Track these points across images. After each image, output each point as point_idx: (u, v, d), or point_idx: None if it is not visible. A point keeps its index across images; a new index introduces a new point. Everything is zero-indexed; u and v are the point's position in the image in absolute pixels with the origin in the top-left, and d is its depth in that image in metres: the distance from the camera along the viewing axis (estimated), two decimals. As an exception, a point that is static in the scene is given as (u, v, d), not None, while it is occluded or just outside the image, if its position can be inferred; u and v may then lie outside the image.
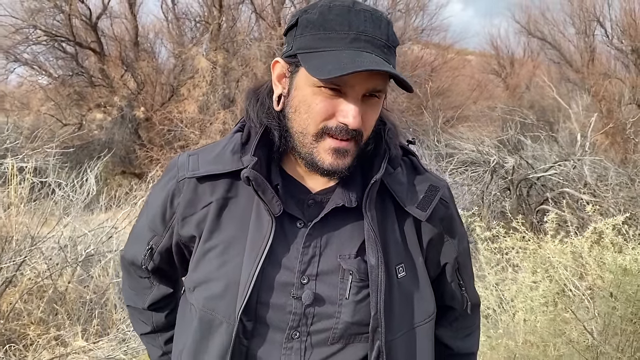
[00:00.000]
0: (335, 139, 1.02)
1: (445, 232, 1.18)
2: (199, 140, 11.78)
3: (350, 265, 1.07)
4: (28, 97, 14.51)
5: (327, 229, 1.09)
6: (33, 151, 7.58)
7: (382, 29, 1.01)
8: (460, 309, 1.24)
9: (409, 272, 1.11)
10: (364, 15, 1.00)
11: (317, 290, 1.07)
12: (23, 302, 4.26)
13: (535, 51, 20.86)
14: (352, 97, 1.00)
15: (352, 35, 0.98)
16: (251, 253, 1.06)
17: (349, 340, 1.08)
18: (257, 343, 1.08)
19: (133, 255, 1.27)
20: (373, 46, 0.99)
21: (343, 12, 0.99)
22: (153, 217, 1.20)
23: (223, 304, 1.08)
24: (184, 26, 15.48)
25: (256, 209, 1.08)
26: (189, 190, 1.13)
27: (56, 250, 4.77)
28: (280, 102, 1.08)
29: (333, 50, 0.98)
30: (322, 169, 1.05)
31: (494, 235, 3.61)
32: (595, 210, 3.39)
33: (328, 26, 0.99)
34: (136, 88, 13.54)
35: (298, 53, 1.02)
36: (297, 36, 1.03)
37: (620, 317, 2.84)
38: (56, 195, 5.89)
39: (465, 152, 8.38)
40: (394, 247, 1.10)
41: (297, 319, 1.07)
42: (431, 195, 1.12)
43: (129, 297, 1.37)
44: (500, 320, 3.63)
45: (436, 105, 15.20)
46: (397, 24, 17.17)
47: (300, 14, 1.04)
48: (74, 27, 13.29)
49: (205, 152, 1.16)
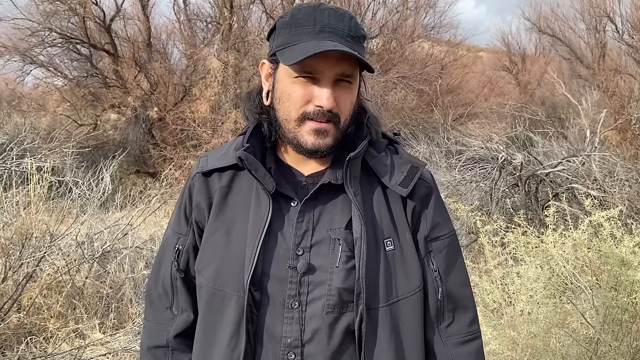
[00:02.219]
0: (315, 122, 1.18)
1: (422, 211, 1.28)
2: (211, 140, 11.89)
3: (338, 235, 1.20)
4: (44, 98, 14.70)
5: (318, 205, 1.23)
6: (50, 151, 7.76)
7: (345, 22, 1.18)
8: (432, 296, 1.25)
9: (396, 246, 1.23)
10: (327, 12, 1.17)
11: (311, 260, 1.20)
12: (43, 297, 4.40)
13: (546, 48, 20.70)
14: (324, 82, 1.17)
15: (318, 28, 1.16)
16: (254, 229, 1.20)
17: (342, 309, 1.19)
18: (264, 313, 1.20)
19: (163, 276, 1.36)
20: (336, 36, 1.16)
21: (309, 11, 1.18)
22: (178, 219, 1.35)
23: (231, 279, 1.20)
24: (195, 27, 15.59)
25: (255, 192, 1.23)
26: (200, 183, 1.30)
27: (74, 247, 4.90)
28: (268, 97, 1.26)
29: (302, 42, 1.16)
30: (306, 149, 1.21)
31: (495, 229, 3.68)
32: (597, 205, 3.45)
33: (297, 24, 1.18)
34: (149, 88, 13.67)
35: (276, 51, 1.20)
36: (275, 37, 1.22)
37: (619, 308, 2.91)
38: (73, 194, 6.05)
39: (474, 149, 8.41)
40: (382, 222, 1.23)
41: (295, 287, 1.19)
42: (412, 174, 1.26)
43: (150, 333, 1.39)
44: (505, 313, 3.71)
45: (446, 102, 15.18)
46: (407, 22, 17.17)
47: (277, 19, 1.23)
48: (88, 29, 13.43)
49: (214, 153, 1.35)
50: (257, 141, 1.26)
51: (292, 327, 1.18)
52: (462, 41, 21.05)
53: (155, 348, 1.37)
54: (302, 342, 1.18)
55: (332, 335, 1.18)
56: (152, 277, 1.41)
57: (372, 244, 1.20)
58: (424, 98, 15.29)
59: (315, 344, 1.18)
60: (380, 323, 1.19)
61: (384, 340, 1.19)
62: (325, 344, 1.18)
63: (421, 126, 12.82)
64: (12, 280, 4.12)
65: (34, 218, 4.71)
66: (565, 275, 3.38)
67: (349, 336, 1.20)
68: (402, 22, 16.91)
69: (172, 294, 1.36)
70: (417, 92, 15.02)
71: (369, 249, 1.18)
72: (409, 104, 14.19)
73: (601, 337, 2.89)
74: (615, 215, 3.01)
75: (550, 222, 3.34)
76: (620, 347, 2.85)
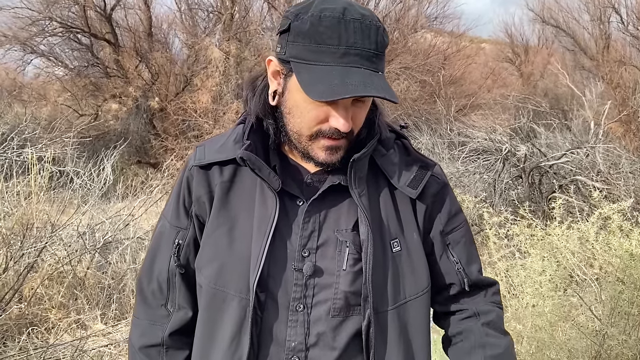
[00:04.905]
0: (329, 139, 1.10)
1: (435, 208, 1.24)
2: (212, 130, 11.85)
3: (345, 237, 1.15)
4: (45, 88, 14.65)
5: (325, 206, 1.17)
6: (51, 141, 7.74)
7: (371, 38, 1.04)
8: (458, 286, 1.27)
9: (403, 247, 1.18)
10: (353, 25, 1.02)
11: (317, 263, 1.15)
12: (44, 287, 4.38)
13: (549, 39, 20.59)
14: (343, 104, 1.07)
15: (342, 50, 1.02)
16: (260, 229, 1.14)
17: (348, 312, 1.15)
18: (267, 315, 1.15)
19: (158, 272, 1.29)
20: (362, 59, 1.03)
21: (333, 24, 1.02)
22: (176, 212, 1.26)
23: (234, 279, 1.15)
24: (196, 17, 15.51)
25: (260, 189, 1.17)
26: (199, 176, 1.22)
27: (75, 237, 4.89)
28: (275, 98, 1.14)
29: (324, 66, 1.03)
30: (317, 162, 1.14)
31: (501, 222, 3.65)
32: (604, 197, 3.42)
33: (319, 39, 1.02)
34: (150, 79, 13.62)
35: (291, 60, 1.06)
36: (289, 42, 1.07)
37: (627, 301, 2.89)
38: (74, 184, 6.03)
39: (477, 141, 8.37)
40: (389, 223, 1.18)
41: (300, 290, 1.14)
42: (422, 174, 1.20)
43: (143, 332, 1.31)
44: (510, 306, 3.68)
45: (449, 93, 15.12)
46: (409, 12, 17.07)
47: (292, 18, 1.06)
48: (89, 19, 13.37)
49: (211, 143, 1.25)
50: (258, 136, 1.19)
51: (297, 330, 1.14)
52: (465, 32, 20.92)
53: (149, 347, 1.30)
54: (306, 346, 1.14)
55: (337, 339, 1.15)
56: (144, 272, 1.32)
57: (379, 247, 1.15)
58: (426, 89, 15.24)
59: (319, 348, 1.14)
60: (390, 326, 1.15)
61: (393, 343, 1.16)
62: (330, 347, 1.14)
63: (424, 117, 12.79)
64: (13, 270, 4.10)
65: (35, 208, 4.69)
66: (572, 268, 3.35)
67: (355, 340, 1.16)
68: (405, 12, 16.79)
69: (168, 290, 1.29)
70: (420, 83, 14.96)
71: (375, 252, 1.14)
72: (411, 95, 14.12)
73: (609, 331, 2.86)
74: (625, 208, 2.97)
75: (557, 214, 3.30)
76: (628, 341, 2.83)
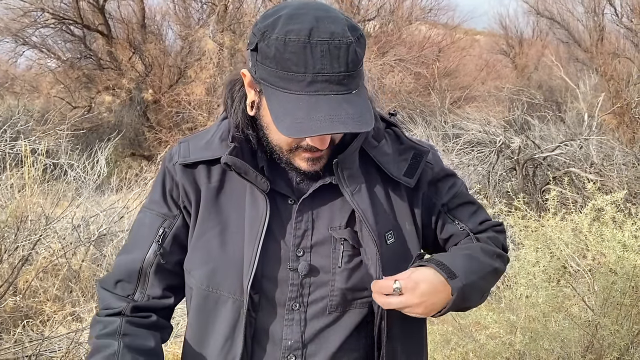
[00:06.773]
0: (309, 152, 1.09)
1: (432, 190, 1.25)
2: (206, 122, 11.83)
3: (341, 235, 1.14)
4: (37, 80, 14.59)
5: (316, 204, 1.16)
6: (44, 133, 7.70)
7: (340, 60, 0.98)
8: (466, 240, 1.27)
9: (397, 238, 1.18)
10: (320, 49, 0.96)
11: (312, 262, 1.14)
12: (39, 280, 4.38)
13: (544, 31, 20.63)
14: None
15: (309, 78, 0.97)
16: (251, 230, 1.12)
17: (345, 307, 1.15)
18: (262, 316, 1.15)
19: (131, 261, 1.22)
20: (331, 84, 0.98)
21: (298, 50, 0.96)
22: (161, 201, 1.23)
23: (228, 281, 1.13)
24: (190, 8, 15.44)
25: (249, 190, 1.15)
26: (184, 174, 1.19)
27: (70, 230, 4.87)
28: (253, 107, 1.12)
29: (291, 94, 0.99)
30: (299, 171, 1.13)
31: (495, 213, 3.67)
32: (597, 189, 3.44)
33: (285, 65, 0.98)
34: (144, 70, 13.58)
35: (261, 82, 1.03)
36: (258, 62, 1.02)
37: (619, 292, 2.91)
38: (68, 177, 6.01)
39: (471, 133, 8.39)
40: (382, 216, 1.17)
41: (295, 289, 1.14)
42: (416, 162, 1.20)
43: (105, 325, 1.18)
44: (504, 297, 3.71)
45: (443, 85, 15.15)
46: (404, 4, 17.05)
47: (259, 37, 1.01)
48: (82, 10, 13.30)
49: (196, 139, 1.23)
50: (244, 136, 1.15)
51: (293, 329, 1.14)
52: (459, 24, 21.01)
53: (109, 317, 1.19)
54: (303, 344, 1.14)
55: (334, 335, 1.15)
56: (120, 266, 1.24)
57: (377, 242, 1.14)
58: (421, 81, 15.24)
59: (316, 344, 1.15)
60: (391, 316, 1.15)
61: (397, 334, 1.17)
62: (327, 343, 1.15)
63: (418, 109, 12.79)
64: (7, 263, 4.09)
65: (29, 201, 4.67)
66: (565, 259, 3.37)
67: (351, 334, 1.17)
68: (400, 4, 16.77)
69: (138, 280, 1.21)
70: (415, 75, 14.95)
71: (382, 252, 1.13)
72: (406, 87, 14.12)
73: (601, 321, 2.89)
74: (618, 199, 3.00)
75: (551, 205, 3.33)
76: (620, 331, 2.85)
